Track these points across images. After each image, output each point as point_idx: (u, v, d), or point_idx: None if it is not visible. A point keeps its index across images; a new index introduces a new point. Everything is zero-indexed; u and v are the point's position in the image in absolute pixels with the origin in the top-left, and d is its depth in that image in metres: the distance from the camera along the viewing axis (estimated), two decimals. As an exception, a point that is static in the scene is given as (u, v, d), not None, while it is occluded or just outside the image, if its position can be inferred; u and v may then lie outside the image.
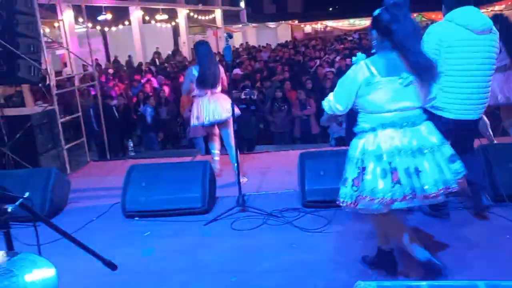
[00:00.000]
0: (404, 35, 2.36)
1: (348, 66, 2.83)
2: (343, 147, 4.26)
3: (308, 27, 31.54)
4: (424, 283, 1.46)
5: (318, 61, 12.20)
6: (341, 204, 2.55)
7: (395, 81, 2.39)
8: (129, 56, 16.61)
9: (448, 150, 2.48)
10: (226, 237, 3.53)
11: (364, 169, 2.42)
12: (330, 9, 33.93)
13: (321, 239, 3.32)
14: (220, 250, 3.35)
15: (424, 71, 2.40)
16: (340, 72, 7.45)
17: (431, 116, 2.71)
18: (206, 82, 4.63)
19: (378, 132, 2.43)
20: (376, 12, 2.47)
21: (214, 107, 4.63)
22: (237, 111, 4.36)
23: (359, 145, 2.48)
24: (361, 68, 2.43)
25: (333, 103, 2.54)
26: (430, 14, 25.40)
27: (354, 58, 2.50)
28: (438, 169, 2.39)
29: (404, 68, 2.39)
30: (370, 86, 2.40)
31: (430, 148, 2.41)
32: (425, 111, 2.59)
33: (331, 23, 30.35)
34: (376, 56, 2.46)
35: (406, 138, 2.39)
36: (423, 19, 25.80)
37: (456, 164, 2.47)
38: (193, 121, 4.79)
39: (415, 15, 25.52)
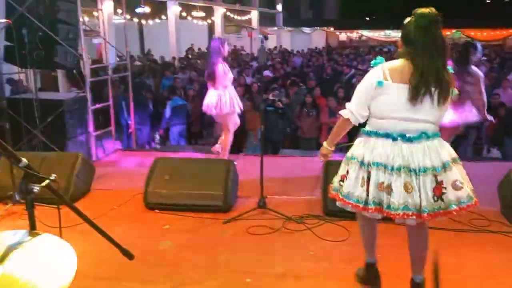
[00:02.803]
0: (422, 46, 2.30)
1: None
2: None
3: (343, 35, 31.30)
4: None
5: (353, 70, 12.07)
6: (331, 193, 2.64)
7: (405, 90, 2.31)
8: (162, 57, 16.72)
9: (454, 175, 2.33)
10: (243, 238, 3.52)
11: (348, 172, 2.48)
12: (367, 18, 33.59)
13: (338, 249, 3.27)
14: (237, 250, 3.34)
15: (433, 85, 2.29)
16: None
17: None
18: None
19: (370, 139, 2.42)
20: (407, 20, 2.42)
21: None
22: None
23: (354, 146, 2.52)
24: (377, 71, 2.39)
25: (357, 110, 2.46)
26: (469, 31, 24.87)
27: (373, 61, 2.47)
28: (417, 193, 2.27)
29: (427, 80, 2.30)
30: (380, 89, 2.36)
31: (416, 170, 2.29)
32: None
33: (366, 33, 30.05)
34: (394, 62, 2.41)
35: (392, 153, 2.33)
36: (462, 36, 25.26)
37: (462, 190, 2.33)
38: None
39: (453, 31, 25.10)
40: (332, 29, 29.98)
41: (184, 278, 2.95)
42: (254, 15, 21.98)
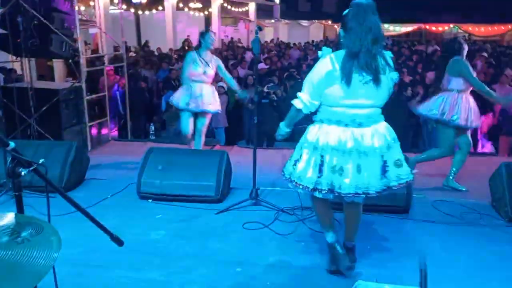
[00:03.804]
0: (358, 36, 2.44)
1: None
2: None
3: (341, 28, 31.10)
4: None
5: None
6: (283, 177, 2.76)
7: (354, 79, 2.45)
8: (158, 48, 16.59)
9: (395, 154, 2.54)
10: (235, 228, 3.54)
11: (301, 156, 2.63)
12: (365, 12, 33.40)
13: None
14: (228, 240, 3.36)
15: (373, 73, 2.45)
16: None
17: None
18: None
19: (323, 126, 2.58)
20: (346, 11, 2.55)
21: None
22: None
23: (307, 132, 2.66)
24: (326, 61, 2.52)
25: (309, 100, 2.59)
26: (466, 26, 24.84)
27: (319, 52, 2.60)
28: (367, 173, 2.47)
29: (367, 67, 2.46)
30: (330, 80, 2.48)
31: (366, 151, 2.48)
32: None
33: (364, 27, 29.89)
34: (340, 51, 2.52)
35: (344, 138, 2.50)
36: (460, 30, 25.22)
37: (401, 169, 2.53)
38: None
39: (451, 26, 25.07)
40: (330, 22, 29.87)
41: (176, 267, 2.97)
42: (251, 7, 21.86)
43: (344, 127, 2.51)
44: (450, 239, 3.39)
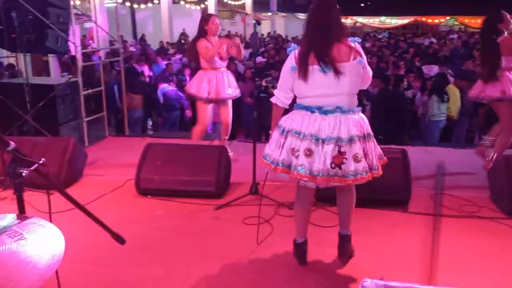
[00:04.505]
0: (314, 27, 2.62)
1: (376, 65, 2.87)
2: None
3: (337, 21, 30.97)
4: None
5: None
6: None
7: (316, 70, 2.56)
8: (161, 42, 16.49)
9: (357, 148, 2.55)
10: (235, 223, 3.53)
11: (271, 137, 2.78)
12: (362, 4, 33.38)
13: (329, 234, 3.28)
14: (229, 235, 3.35)
15: (330, 63, 2.54)
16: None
17: None
18: None
19: (295, 111, 2.71)
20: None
21: None
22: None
23: (282, 117, 2.78)
24: (292, 56, 2.67)
25: (280, 94, 2.78)
26: (463, 18, 24.82)
27: (288, 49, 2.74)
28: (318, 159, 2.53)
29: (321, 58, 2.55)
30: (294, 73, 2.64)
31: (323, 139, 2.54)
32: None
33: (361, 19, 29.89)
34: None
35: (306, 123, 2.59)
36: (456, 23, 25.21)
37: (359, 164, 2.55)
38: None
39: (447, 17, 25.05)
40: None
41: (177, 263, 2.96)
42: (248, 0, 21.75)
43: (310, 113, 2.61)
44: (449, 231, 3.39)
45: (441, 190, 4.09)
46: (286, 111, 2.85)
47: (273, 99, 2.82)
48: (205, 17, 4.90)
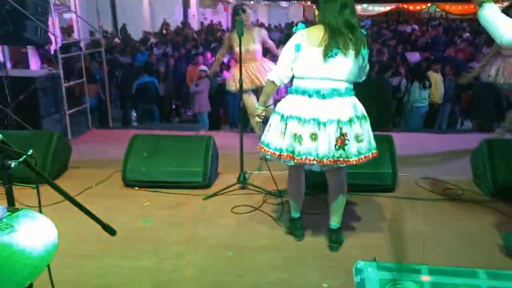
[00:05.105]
0: (329, 13, 2.61)
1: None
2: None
3: (320, 9, 30.90)
4: (424, 266, 1.46)
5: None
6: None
7: (319, 52, 2.60)
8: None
9: (357, 129, 2.63)
10: (224, 213, 3.54)
11: (271, 124, 2.80)
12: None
13: (317, 221, 3.32)
14: (218, 225, 3.36)
15: (339, 48, 2.58)
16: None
17: None
18: None
19: (292, 96, 2.74)
20: None
21: None
22: None
23: (279, 103, 2.81)
24: (297, 35, 2.69)
25: (281, 72, 2.77)
26: (444, 5, 24.99)
27: (294, 28, 2.75)
28: (321, 141, 2.58)
29: (336, 42, 2.59)
30: (298, 52, 2.66)
31: (324, 122, 2.58)
32: None
33: (343, 7, 29.79)
34: (312, 27, 2.70)
35: (307, 108, 2.63)
36: (437, 9, 25.38)
37: (361, 144, 2.63)
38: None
39: (428, 5, 25.20)
40: (309, 3, 29.69)
41: (166, 253, 2.96)
42: (230, -12, 21.56)
43: (308, 98, 2.65)
44: (434, 215, 3.46)
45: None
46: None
47: (271, 76, 2.81)
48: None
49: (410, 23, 18.31)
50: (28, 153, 1.30)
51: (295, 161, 2.66)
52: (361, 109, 2.73)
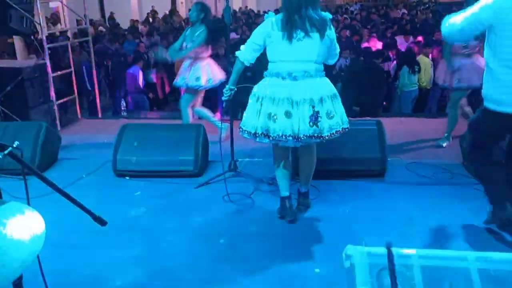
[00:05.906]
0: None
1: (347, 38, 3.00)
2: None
3: (309, -6, 30.68)
4: (414, 250, 1.48)
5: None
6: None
7: (288, 36, 2.78)
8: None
9: (329, 106, 2.83)
10: (216, 201, 3.54)
11: (248, 105, 2.97)
12: (333, -23, 33.10)
13: (309, 207, 3.34)
14: (210, 213, 3.37)
15: (305, 31, 2.77)
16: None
17: (485, 113, 2.63)
18: None
19: (266, 79, 2.93)
20: None
21: None
22: None
23: (256, 85, 2.99)
24: (267, 22, 2.88)
25: (244, 53, 2.97)
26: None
27: (266, 15, 2.96)
28: (296, 119, 2.77)
29: (299, 25, 2.77)
30: (269, 38, 2.86)
31: (297, 101, 2.78)
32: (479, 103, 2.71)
33: (333, -8, 29.66)
34: (280, 14, 2.87)
35: (280, 89, 2.82)
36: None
37: (332, 120, 2.83)
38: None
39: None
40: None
41: (158, 243, 2.97)
42: (218, -26, 21.26)
43: (281, 80, 2.84)
44: (424, 199, 3.49)
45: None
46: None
47: (240, 55, 2.99)
48: None
49: (399, 7, 18.25)
50: (14, 145, 1.28)
51: (270, 138, 2.84)
52: (331, 89, 2.92)
